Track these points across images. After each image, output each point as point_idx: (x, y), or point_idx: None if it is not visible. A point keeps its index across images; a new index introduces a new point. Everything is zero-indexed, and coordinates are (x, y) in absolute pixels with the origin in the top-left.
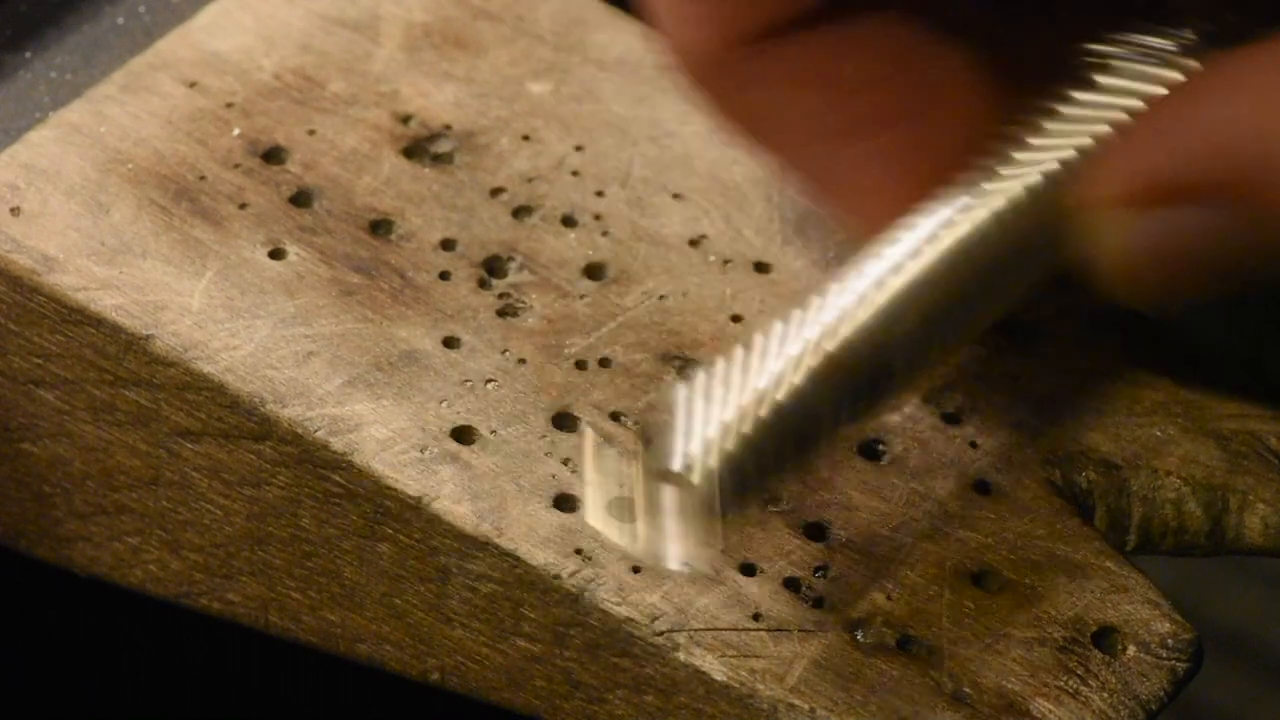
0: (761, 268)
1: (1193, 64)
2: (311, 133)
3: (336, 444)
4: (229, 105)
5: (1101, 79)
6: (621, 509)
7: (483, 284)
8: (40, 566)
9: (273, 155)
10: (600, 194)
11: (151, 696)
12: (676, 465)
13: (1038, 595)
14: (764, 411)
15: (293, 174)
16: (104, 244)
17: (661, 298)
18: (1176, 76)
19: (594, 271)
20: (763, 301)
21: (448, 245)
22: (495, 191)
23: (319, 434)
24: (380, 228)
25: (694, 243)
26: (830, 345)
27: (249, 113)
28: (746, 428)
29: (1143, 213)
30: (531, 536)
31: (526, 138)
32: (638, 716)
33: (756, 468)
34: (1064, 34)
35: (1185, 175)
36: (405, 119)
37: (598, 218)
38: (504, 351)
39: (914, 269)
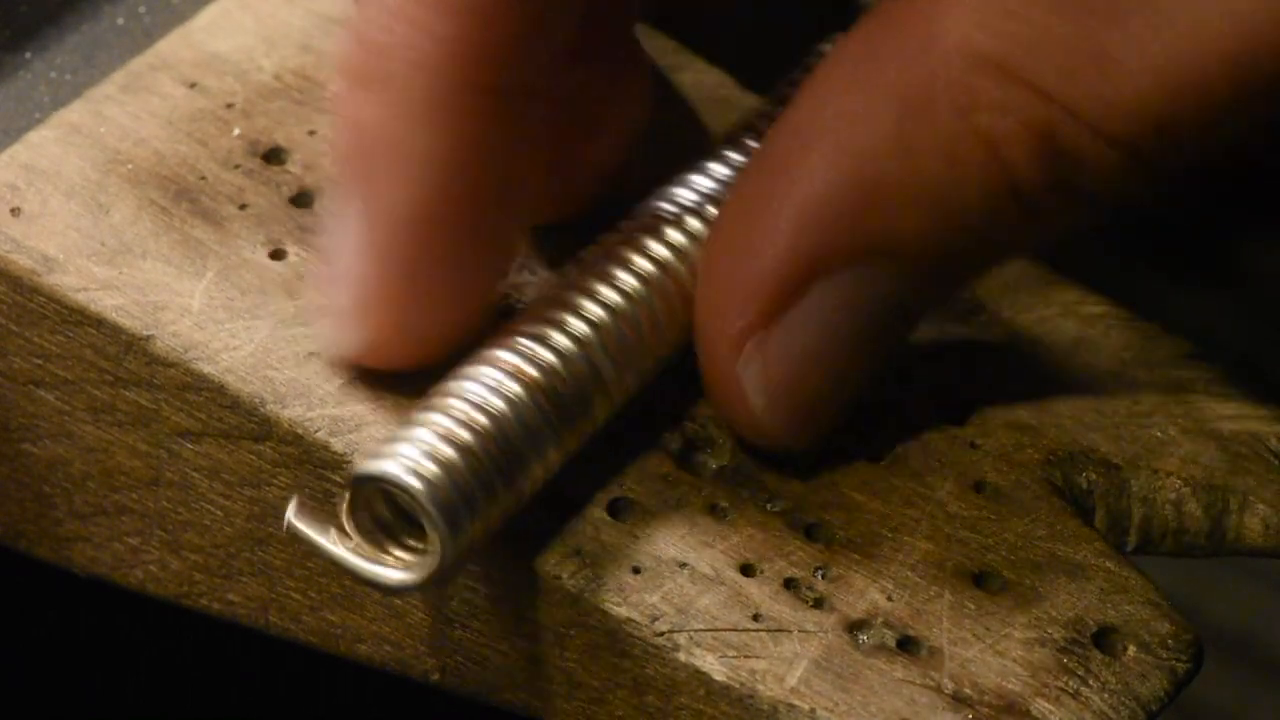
0: None
1: None
2: (312, 133)
3: (337, 444)
4: (229, 106)
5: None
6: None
7: None
8: (40, 567)
9: (273, 156)
10: None
11: (151, 696)
12: (391, 470)
13: (1038, 596)
14: (475, 427)
15: (293, 174)
16: (104, 244)
17: None
18: None
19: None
20: None
21: None
22: None
23: (319, 434)
24: None
25: None
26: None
27: (249, 113)
28: (459, 440)
29: (761, 339)
30: (531, 537)
31: None
32: (638, 717)
33: (474, 481)
34: None
35: (811, 253)
36: None
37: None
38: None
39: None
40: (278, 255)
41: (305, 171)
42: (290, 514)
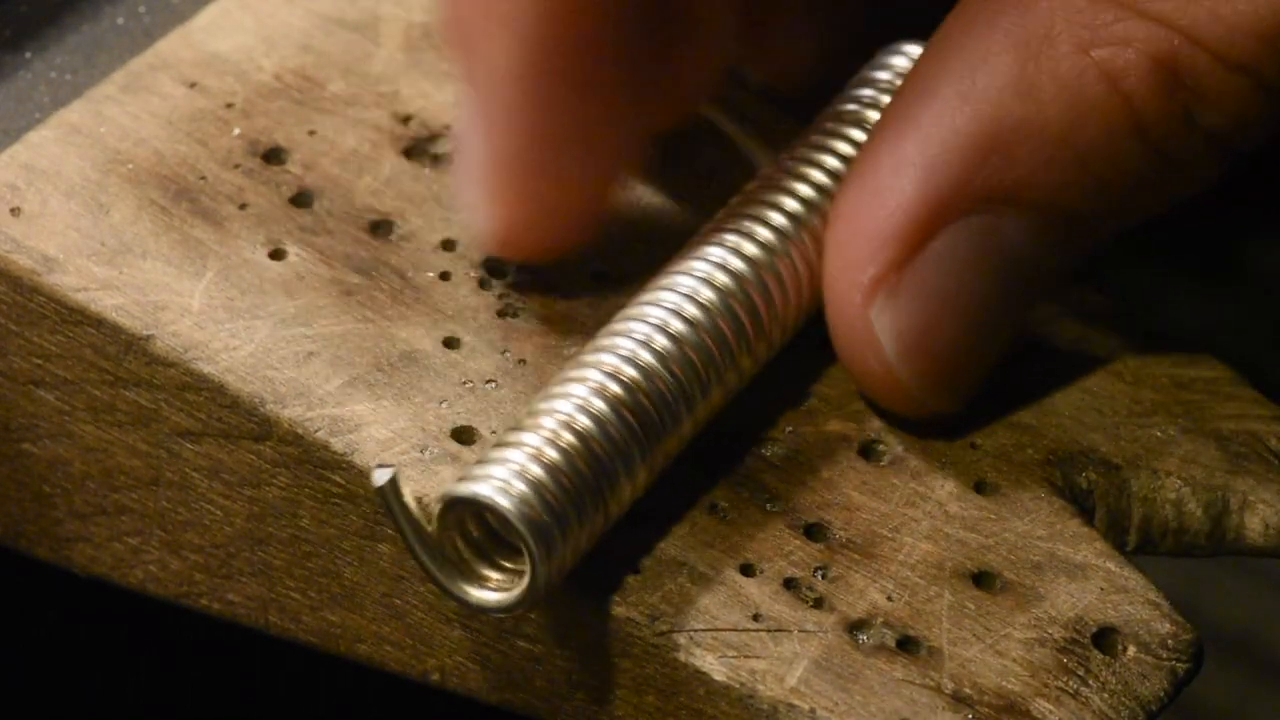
0: None
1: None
2: (312, 133)
3: (337, 444)
4: (229, 105)
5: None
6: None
7: (483, 284)
8: (40, 567)
9: (273, 156)
10: None
11: (151, 696)
12: (484, 492)
13: (1038, 596)
14: (563, 446)
15: (293, 174)
16: (104, 244)
17: None
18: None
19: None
20: None
21: (448, 246)
22: None
23: (319, 434)
24: (380, 228)
25: None
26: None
27: (249, 113)
28: (547, 459)
29: (893, 285)
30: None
31: None
32: (638, 717)
33: (565, 500)
34: None
35: (938, 197)
36: (405, 119)
37: None
38: (504, 352)
39: (692, 314)
40: (278, 255)
41: (305, 171)
42: (381, 479)
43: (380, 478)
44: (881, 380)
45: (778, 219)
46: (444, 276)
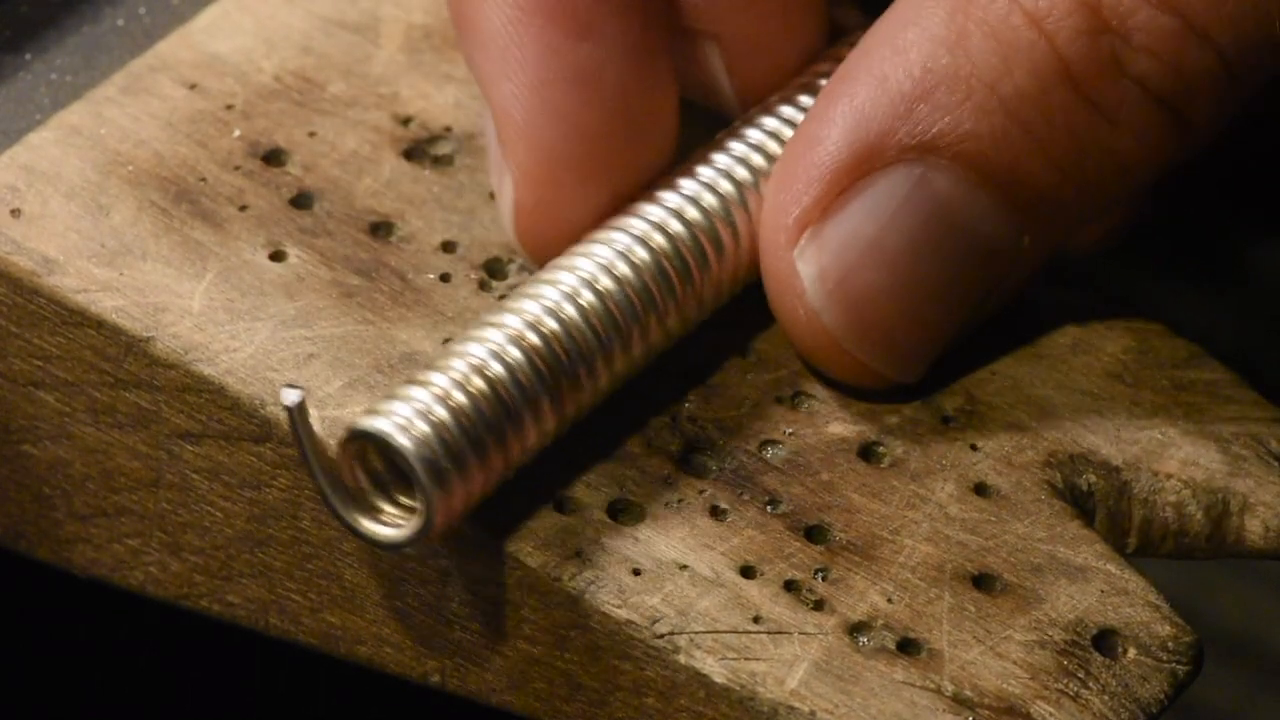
0: None
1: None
2: (312, 135)
3: (337, 446)
4: (229, 107)
5: None
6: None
7: (483, 286)
8: (40, 568)
9: (273, 157)
10: None
11: (152, 697)
12: (384, 428)
13: (1038, 598)
14: (470, 389)
15: (293, 176)
16: (104, 246)
17: None
18: None
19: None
20: (764, 301)
21: (448, 247)
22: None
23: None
24: (381, 230)
25: None
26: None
27: (249, 115)
28: (453, 402)
29: (817, 228)
30: (532, 538)
31: None
32: (638, 719)
33: (465, 442)
34: None
35: (864, 143)
36: (405, 121)
37: None
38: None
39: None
40: (278, 257)
41: (305, 173)
42: (290, 399)
43: (289, 397)
44: (806, 327)
45: (723, 184)
46: (444, 278)
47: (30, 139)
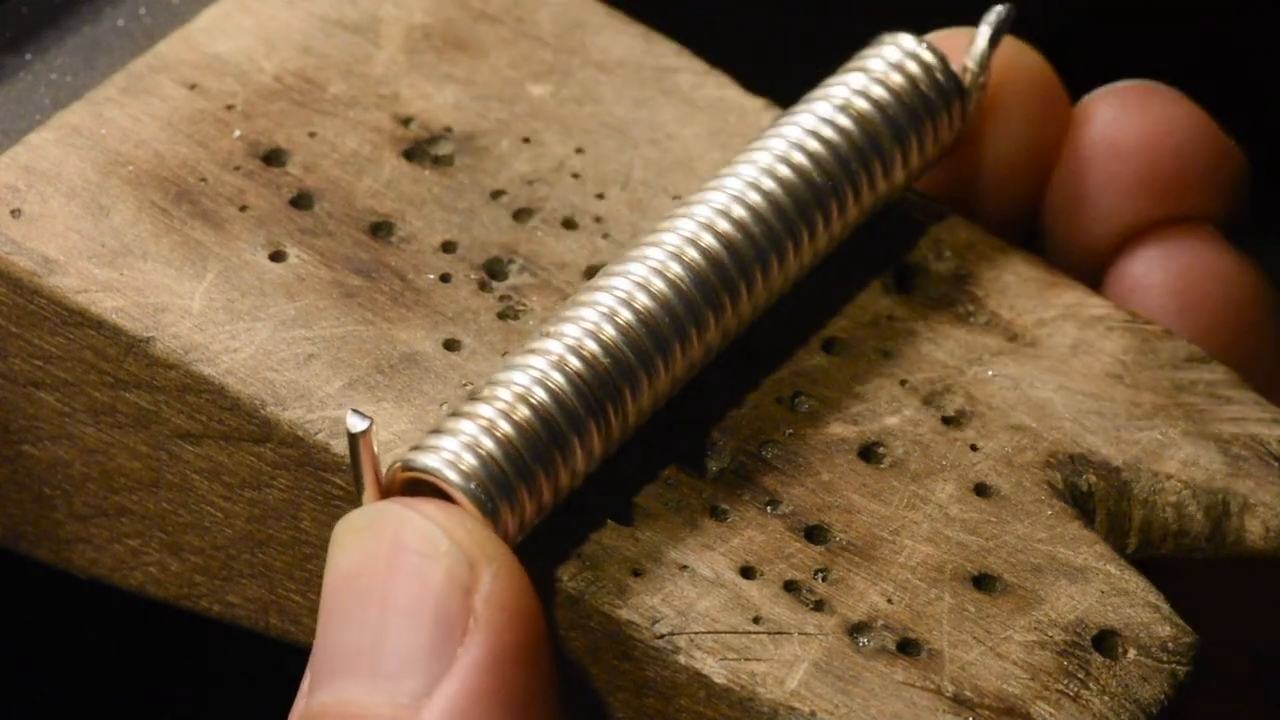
0: None
1: None
2: (312, 135)
3: (337, 446)
4: (229, 107)
5: None
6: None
7: (483, 286)
8: (40, 568)
9: (273, 157)
10: (601, 196)
11: (152, 698)
12: (434, 464)
13: (1038, 598)
14: (517, 416)
15: (293, 176)
16: (104, 246)
17: None
18: None
19: (595, 274)
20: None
21: (448, 247)
22: (496, 194)
23: (320, 436)
24: (381, 230)
25: None
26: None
27: (249, 115)
28: (500, 431)
29: None
30: (531, 539)
31: (527, 140)
32: (638, 719)
33: (513, 472)
34: None
35: None
36: (406, 121)
37: (598, 220)
38: (505, 354)
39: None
40: (278, 257)
41: (305, 173)
42: (357, 427)
43: (356, 425)
44: None
45: (751, 195)
46: (444, 278)
47: (30, 139)
